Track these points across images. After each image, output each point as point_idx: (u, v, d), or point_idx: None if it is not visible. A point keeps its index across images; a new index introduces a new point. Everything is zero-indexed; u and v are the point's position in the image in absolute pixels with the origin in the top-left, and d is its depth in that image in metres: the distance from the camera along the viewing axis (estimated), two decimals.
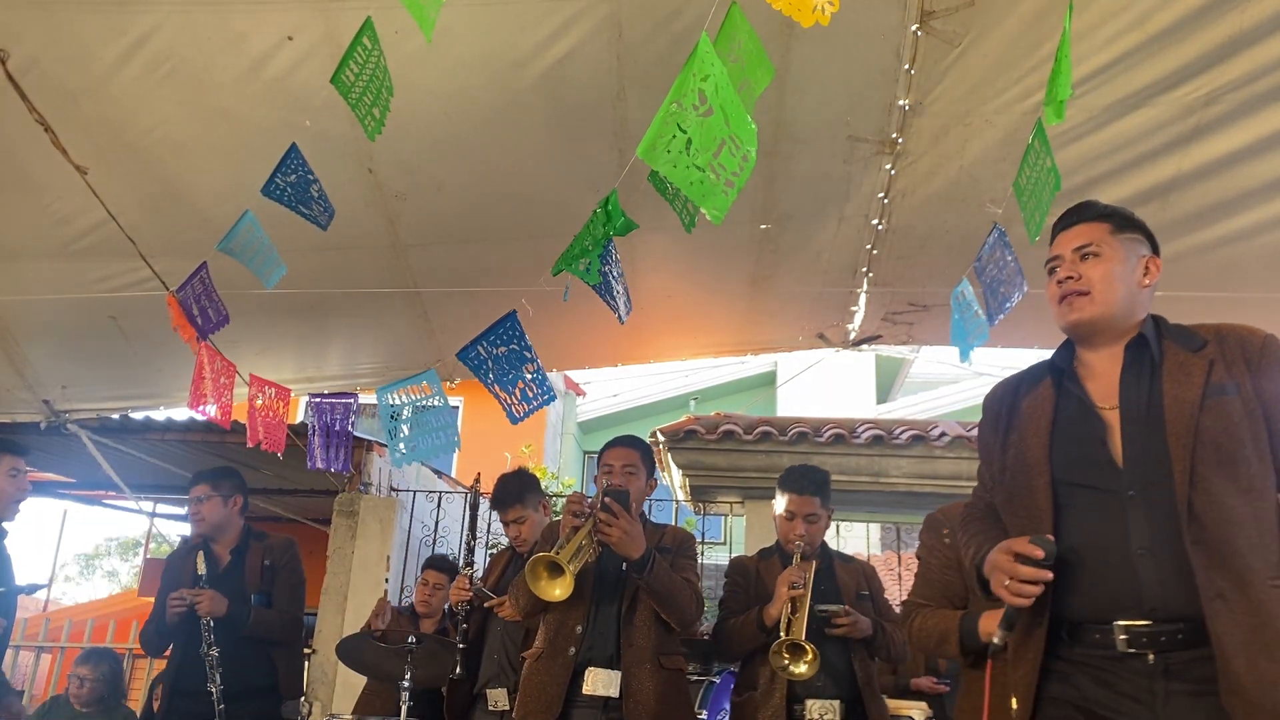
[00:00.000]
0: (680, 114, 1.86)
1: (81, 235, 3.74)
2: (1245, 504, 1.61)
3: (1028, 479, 1.78)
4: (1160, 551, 1.62)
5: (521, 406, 3.54)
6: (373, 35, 2.58)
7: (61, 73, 3.02)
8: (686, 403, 13.12)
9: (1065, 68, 2.36)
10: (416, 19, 2.16)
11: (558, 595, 2.60)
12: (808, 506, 3.21)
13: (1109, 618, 1.64)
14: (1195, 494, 1.61)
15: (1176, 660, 1.60)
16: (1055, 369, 1.87)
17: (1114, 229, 1.87)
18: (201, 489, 3.66)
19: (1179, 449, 1.64)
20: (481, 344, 3.52)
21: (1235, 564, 1.57)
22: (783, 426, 5.91)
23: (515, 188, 3.70)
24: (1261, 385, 1.68)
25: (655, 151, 1.87)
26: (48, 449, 6.10)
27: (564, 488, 9.10)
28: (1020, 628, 1.75)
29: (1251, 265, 3.83)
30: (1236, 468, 1.63)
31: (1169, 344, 1.77)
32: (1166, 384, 1.71)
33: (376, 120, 2.63)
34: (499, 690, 3.48)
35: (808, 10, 1.80)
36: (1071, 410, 1.80)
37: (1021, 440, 1.83)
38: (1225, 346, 1.72)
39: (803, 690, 3.00)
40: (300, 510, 7.59)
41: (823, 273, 4.29)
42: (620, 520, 2.70)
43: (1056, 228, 1.94)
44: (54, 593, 17.32)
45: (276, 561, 3.69)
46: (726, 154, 1.86)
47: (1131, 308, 1.82)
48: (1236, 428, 1.64)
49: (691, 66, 1.86)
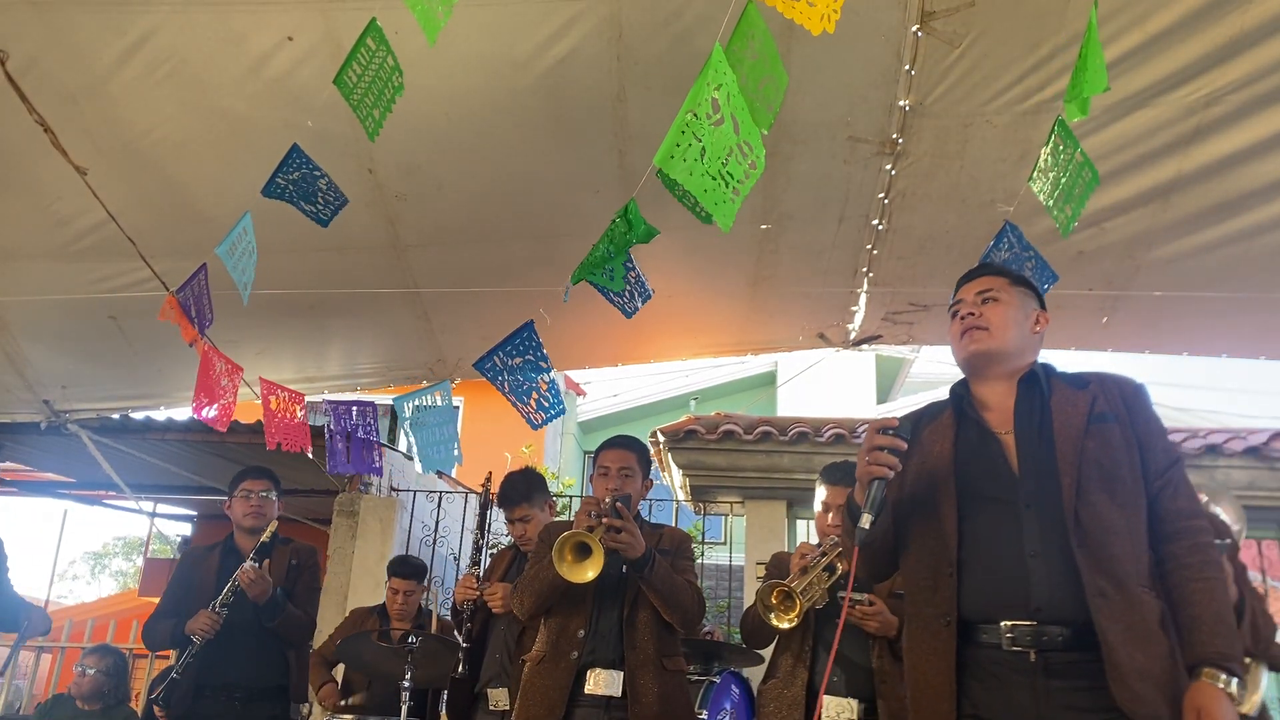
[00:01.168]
0: (696, 123, 1.94)
1: (81, 235, 3.74)
2: (1121, 517, 1.83)
3: (933, 492, 1.98)
4: (1050, 556, 1.82)
5: (539, 415, 3.58)
6: (378, 36, 2.58)
7: (61, 73, 3.02)
8: (686, 403, 13.11)
9: (1092, 63, 2.36)
10: (421, 23, 2.18)
11: (589, 576, 2.63)
12: (843, 499, 3.19)
13: (997, 617, 1.82)
14: (1080, 505, 1.82)
15: (1056, 660, 1.77)
16: (956, 398, 2.10)
17: (1010, 283, 2.14)
18: (266, 484, 3.67)
19: (1067, 465, 1.86)
20: (498, 354, 3.53)
21: (1114, 568, 1.78)
22: (783, 426, 5.90)
23: (515, 188, 3.70)
24: (1135, 422, 1.94)
25: (673, 160, 1.95)
26: (48, 449, 6.10)
27: (564, 487, 9.10)
28: (925, 624, 1.91)
29: (1251, 265, 3.83)
30: (1114, 485, 1.85)
31: (1056, 382, 2.02)
32: (1055, 412, 1.95)
33: (376, 121, 2.64)
34: (500, 690, 3.48)
35: (816, 18, 1.89)
36: (971, 434, 2.02)
37: (925, 458, 2.03)
38: (1105, 386, 1.99)
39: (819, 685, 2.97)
40: (300, 510, 7.59)
41: (823, 273, 4.29)
42: (627, 524, 2.73)
43: (960, 282, 2.19)
44: (59, 592, 17.34)
45: (303, 563, 3.69)
46: (735, 161, 1.95)
47: (1023, 349, 2.07)
48: (1115, 451, 1.89)
49: (705, 76, 1.92)
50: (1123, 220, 3.64)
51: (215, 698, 3.39)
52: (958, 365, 2.14)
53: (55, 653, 8.15)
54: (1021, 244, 3.35)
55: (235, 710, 3.40)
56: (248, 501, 3.63)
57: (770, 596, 2.78)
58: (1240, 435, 5.66)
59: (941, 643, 1.87)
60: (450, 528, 6.89)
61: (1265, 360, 4.63)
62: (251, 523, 3.61)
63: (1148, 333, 4.45)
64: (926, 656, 1.91)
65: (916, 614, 1.98)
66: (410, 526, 6.66)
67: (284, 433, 4.21)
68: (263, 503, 3.64)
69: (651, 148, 3.44)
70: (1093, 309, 4.22)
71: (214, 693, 3.40)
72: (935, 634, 1.89)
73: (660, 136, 3.32)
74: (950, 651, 1.85)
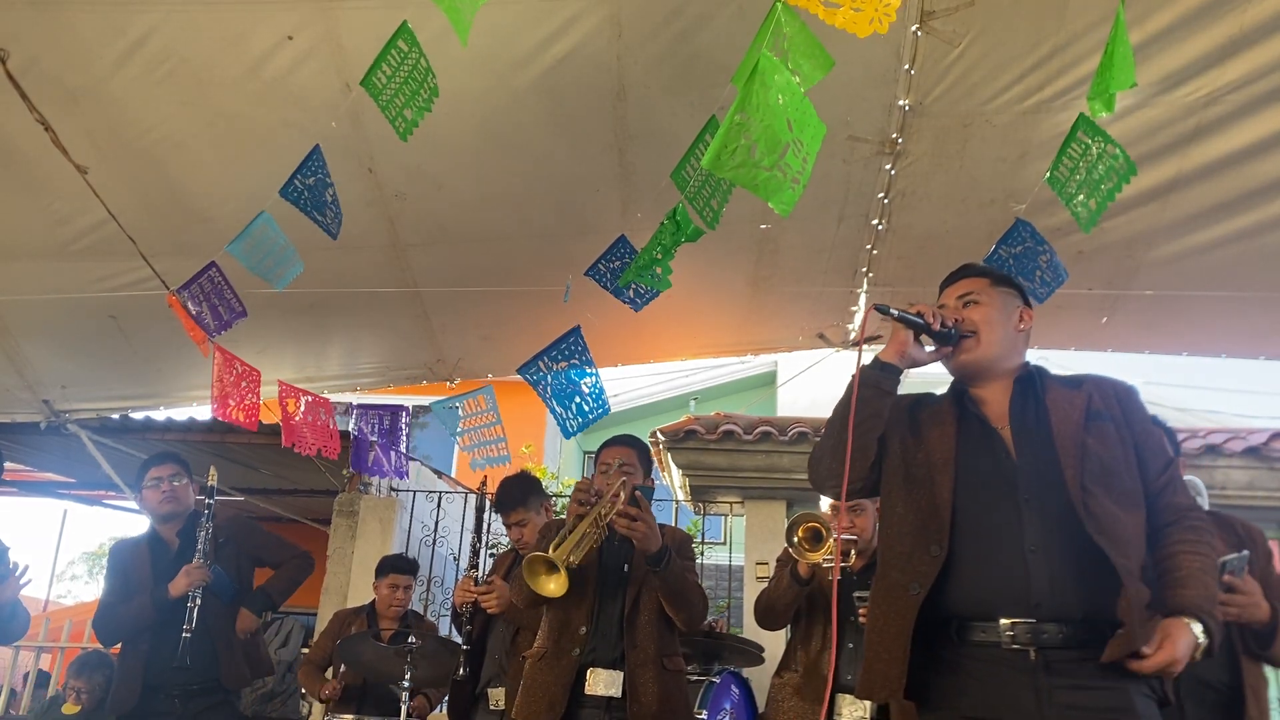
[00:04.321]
0: (744, 124, 1.98)
1: (81, 235, 3.74)
2: (1122, 510, 1.86)
3: (931, 472, 1.97)
4: (1050, 551, 1.82)
5: (575, 421, 3.60)
6: (409, 39, 2.59)
7: (61, 72, 3.02)
8: (686, 403, 13.10)
9: (1119, 59, 2.36)
10: (452, 21, 2.20)
11: (553, 590, 2.64)
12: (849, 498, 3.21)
13: (996, 615, 1.81)
14: (1087, 498, 1.84)
15: (1056, 658, 1.76)
16: (956, 394, 2.10)
17: (992, 283, 2.14)
18: (172, 469, 3.55)
19: (1069, 459, 1.88)
20: (543, 359, 3.54)
21: (1129, 550, 1.82)
22: (783, 426, 5.90)
23: (515, 188, 3.70)
24: (1131, 423, 1.98)
25: (720, 160, 1.98)
26: (48, 449, 6.09)
27: (564, 488, 9.10)
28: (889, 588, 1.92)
29: (1251, 265, 3.83)
30: (1112, 480, 1.89)
31: (1050, 382, 2.05)
32: (1052, 410, 1.98)
33: (409, 121, 2.67)
34: (500, 690, 3.49)
35: (864, 21, 1.96)
36: (973, 425, 2.02)
37: (922, 442, 2.03)
38: (1099, 387, 2.02)
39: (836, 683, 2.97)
40: (300, 510, 7.59)
41: (823, 273, 4.29)
42: (646, 515, 2.74)
43: (942, 285, 2.21)
44: (59, 592, 17.29)
45: (232, 534, 3.59)
46: (791, 155, 1.99)
47: (1011, 349, 2.08)
48: (1113, 449, 1.92)
49: (754, 80, 1.98)
50: (1123, 220, 3.64)
51: (169, 696, 3.33)
52: (949, 372, 2.15)
53: (55, 653, 8.14)
54: (1035, 239, 3.35)
55: (176, 709, 3.34)
56: (158, 489, 3.51)
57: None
58: (1240, 435, 5.66)
59: (903, 607, 1.86)
60: (450, 528, 6.89)
61: (1265, 360, 4.64)
62: (168, 508, 3.51)
63: (1148, 333, 4.45)
64: (886, 618, 1.91)
65: (883, 577, 1.98)
66: (410, 527, 6.66)
67: (315, 436, 4.21)
68: (174, 488, 3.51)
69: (651, 147, 3.48)
70: (1093, 309, 4.22)
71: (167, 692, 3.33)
72: (898, 598, 1.89)
73: (660, 136, 3.35)
74: (909, 620, 1.84)
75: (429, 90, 2.66)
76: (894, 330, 2.06)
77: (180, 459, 3.65)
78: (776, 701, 3.11)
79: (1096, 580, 1.78)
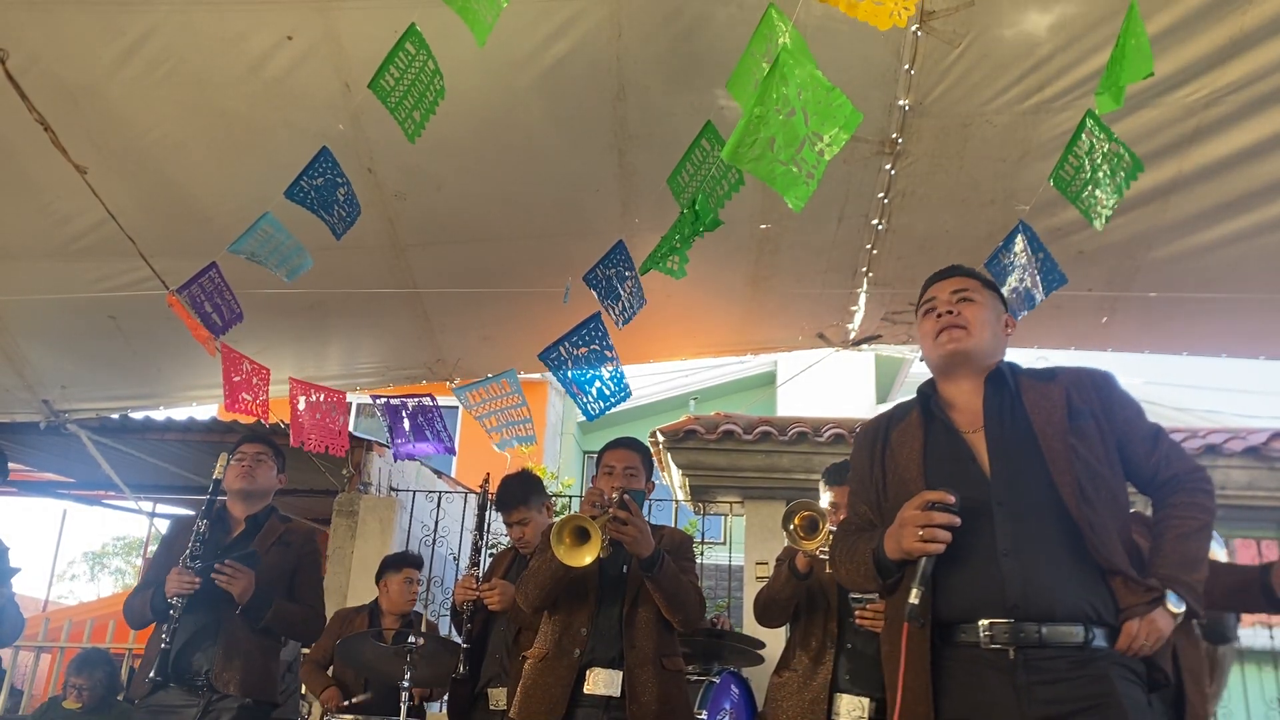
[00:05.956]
0: (764, 116, 2.01)
1: (81, 235, 3.74)
2: (1108, 514, 1.88)
3: (905, 495, 1.96)
4: (1023, 554, 1.84)
5: (597, 404, 3.63)
6: (418, 41, 2.59)
7: (61, 73, 3.02)
8: (686, 403, 13.10)
9: (1132, 50, 2.36)
10: (469, 24, 2.21)
11: (587, 561, 2.63)
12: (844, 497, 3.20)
13: (975, 616, 1.83)
14: (1081, 503, 1.85)
15: (1035, 657, 1.79)
16: (923, 398, 2.11)
17: (982, 285, 2.18)
18: (260, 448, 3.36)
19: (1061, 466, 1.89)
20: (564, 344, 3.59)
21: (1115, 549, 1.84)
22: (783, 426, 5.90)
23: (515, 188, 3.70)
24: (1112, 411, 1.99)
25: (739, 152, 2.02)
26: (48, 449, 6.09)
27: (563, 488, 9.09)
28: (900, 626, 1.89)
29: (1251, 265, 3.83)
30: (1098, 482, 1.90)
31: (1023, 379, 2.05)
32: (1033, 412, 1.97)
33: (417, 123, 2.68)
34: (500, 690, 3.49)
35: (884, 15, 1.97)
36: (939, 435, 2.04)
37: (896, 464, 2.06)
38: (1075, 379, 2.02)
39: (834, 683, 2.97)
40: (300, 510, 7.58)
41: (823, 273, 4.29)
42: (636, 519, 2.73)
43: (931, 280, 2.24)
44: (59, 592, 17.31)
45: (297, 546, 3.31)
46: (807, 149, 2.02)
47: (995, 349, 2.11)
48: (1096, 447, 1.93)
49: (774, 75, 2.01)
50: (1123, 220, 3.64)
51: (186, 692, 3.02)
52: (929, 363, 2.16)
53: (55, 653, 8.13)
54: (1035, 244, 3.36)
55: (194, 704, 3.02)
56: (240, 464, 3.32)
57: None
58: (1240, 435, 5.66)
59: (917, 644, 1.87)
60: (449, 527, 6.89)
61: (1265, 360, 4.63)
62: (241, 484, 3.28)
63: (1148, 333, 4.45)
64: (895, 648, 1.92)
65: (895, 616, 1.98)
66: (409, 526, 6.66)
67: (322, 434, 4.21)
68: (255, 464, 3.31)
69: (651, 147, 3.48)
70: (1093, 309, 4.22)
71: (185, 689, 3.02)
72: (911, 636, 1.89)
73: (660, 136, 3.35)
74: (925, 653, 1.86)
75: (435, 92, 2.66)
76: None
77: (275, 445, 3.46)
78: (776, 701, 3.10)
79: (1078, 579, 1.82)
